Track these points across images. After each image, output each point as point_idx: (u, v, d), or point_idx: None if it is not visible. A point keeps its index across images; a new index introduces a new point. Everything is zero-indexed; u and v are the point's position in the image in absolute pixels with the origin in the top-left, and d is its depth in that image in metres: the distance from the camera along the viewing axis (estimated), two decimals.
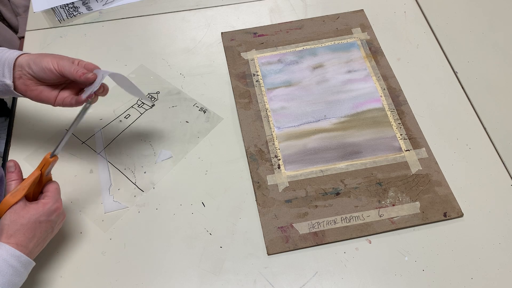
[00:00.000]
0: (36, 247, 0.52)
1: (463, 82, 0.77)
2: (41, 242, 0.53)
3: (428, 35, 0.84)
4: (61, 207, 0.55)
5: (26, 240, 0.51)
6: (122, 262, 0.60)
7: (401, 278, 0.59)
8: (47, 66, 0.55)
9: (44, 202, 0.53)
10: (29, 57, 0.57)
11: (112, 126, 0.73)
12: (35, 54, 0.57)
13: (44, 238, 0.54)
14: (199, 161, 0.69)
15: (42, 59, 0.56)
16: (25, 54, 0.58)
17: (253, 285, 0.58)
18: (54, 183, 0.57)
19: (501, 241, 0.61)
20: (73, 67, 0.56)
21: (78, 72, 0.55)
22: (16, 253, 0.49)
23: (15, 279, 0.49)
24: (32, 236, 0.51)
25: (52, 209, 0.53)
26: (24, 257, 0.50)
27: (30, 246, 0.51)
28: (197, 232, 0.63)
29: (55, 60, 0.56)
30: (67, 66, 0.56)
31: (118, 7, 0.90)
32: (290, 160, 0.68)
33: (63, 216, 0.57)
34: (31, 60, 0.56)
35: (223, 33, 0.84)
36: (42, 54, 0.57)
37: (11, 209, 0.51)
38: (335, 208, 0.63)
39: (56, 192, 0.55)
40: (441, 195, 0.64)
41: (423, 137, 0.70)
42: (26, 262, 0.50)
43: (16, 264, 0.49)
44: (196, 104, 0.76)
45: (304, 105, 0.74)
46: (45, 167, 0.54)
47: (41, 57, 0.56)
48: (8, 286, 0.48)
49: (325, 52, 0.80)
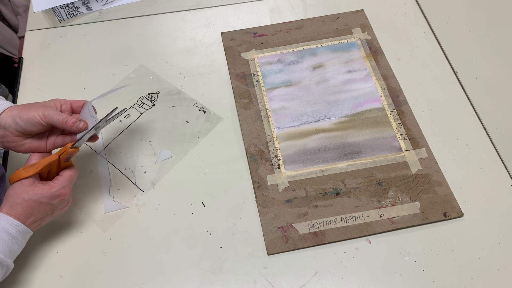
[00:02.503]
0: (32, 224, 0.54)
1: (463, 82, 0.77)
2: (38, 221, 0.54)
3: (428, 35, 0.84)
4: (66, 194, 0.55)
5: (24, 216, 0.52)
6: (122, 262, 0.60)
7: (401, 278, 0.59)
8: (34, 119, 0.55)
9: (51, 184, 0.54)
10: (13, 113, 0.55)
11: (112, 126, 0.73)
12: (17, 109, 0.56)
13: (42, 218, 0.55)
14: (199, 161, 0.69)
15: (28, 113, 0.55)
16: (7, 111, 0.56)
17: (253, 285, 0.58)
18: (70, 170, 0.57)
19: (501, 241, 0.61)
20: (61, 117, 0.56)
21: (68, 123, 0.56)
22: (15, 222, 0.51)
23: (13, 246, 0.52)
24: (30, 213, 0.53)
25: (57, 193, 0.54)
26: (22, 226, 0.52)
27: (27, 222, 0.53)
28: (197, 232, 0.63)
29: (40, 112, 0.55)
30: (54, 116, 0.55)
31: (118, 7, 0.90)
32: (290, 160, 0.68)
33: (66, 203, 0.57)
34: (16, 117, 0.55)
35: (223, 33, 0.84)
36: (25, 107, 0.56)
37: (19, 182, 0.53)
38: (335, 208, 0.63)
39: (67, 178, 0.56)
40: (441, 195, 0.64)
41: (423, 137, 0.70)
42: (24, 231, 0.52)
43: (14, 233, 0.51)
44: (196, 104, 0.76)
45: (304, 105, 0.74)
46: (63, 155, 0.55)
47: (25, 110, 0.55)
48: (8, 253, 0.51)
49: (325, 52, 0.80)
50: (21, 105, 0.57)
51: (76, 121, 0.56)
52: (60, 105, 0.59)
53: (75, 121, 0.56)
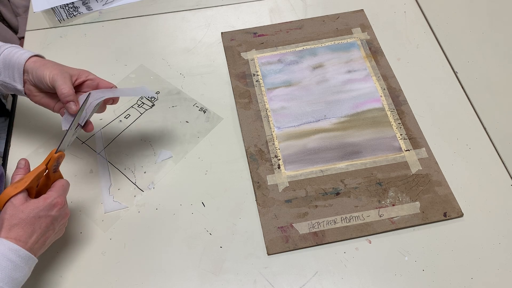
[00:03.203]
0: (36, 243, 0.50)
1: (463, 82, 0.77)
2: (41, 238, 0.51)
3: (428, 35, 0.84)
4: (62, 203, 0.53)
5: (26, 235, 0.49)
6: (122, 262, 0.60)
7: (401, 278, 0.59)
8: (43, 78, 0.56)
9: (45, 196, 0.52)
10: (34, 65, 0.57)
11: (112, 126, 0.73)
12: (40, 62, 0.57)
13: (44, 234, 0.52)
14: (199, 161, 0.69)
15: (43, 71, 0.56)
16: (32, 59, 0.57)
17: (253, 285, 0.58)
18: (62, 180, 0.56)
19: (501, 241, 0.61)
20: (63, 87, 0.55)
21: (63, 98, 0.55)
22: (15, 247, 0.48)
23: (15, 274, 0.47)
24: (31, 231, 0.50)
25: (53, 203, 0.52)
26: (23, 251, 0.48)
27: (29, 242, 0.50)
28: (197, 232, 0.63)
29: (52, 74, 0.56)
30: (58, 83, 0.55)
31: (118, 7, 0.90)
32: (290, 160, 0.68)
33: (65, 214, 0.55)
34: (34, 69, 0.56)
35: (223, 33, 0.84)
36: (46, 64, 0.57)
37: (11, 203, 0.50)
38: (335, 208, 0.63)
39: (60, 188, 0.54)
40: (441, 195, 0.64)
41: (423, 137, 0.70)
42: (26, 256, 0.49)
43: (15, 258, 0.48)
44: (196, 104, 0.76)
45: (304, 105, 0.74)
46: (50, 162, 0.53)
47: (43, 67, 0.56)
48: (9, 282, 0.47)
49: (325, 52, 0.80)
50: (46, 61, 0.58)
51: (71, 101, 0.56)
52: (85, 78, 0.59)
53: (69, 100, 0.55)
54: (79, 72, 0.59)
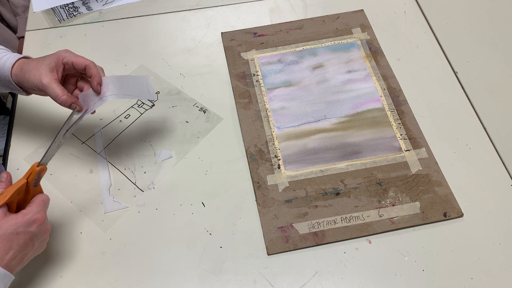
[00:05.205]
0: (13, 260, 0.49)
1: (463, 82, 0.77)
2: (19, 255, 0.49)
3: (428, 35, 0.84)
4: (42, 219, 0.51)
5: (2, 252, 0.47)
6: (122, 262, 0.60)
7: (401, 278, 0.59)
8: (31, 87, 0.58)
9: (24, 212, 0.50)
10: (19, 73, 0.58)
11: (112, 126, 0.73)
12: (21, 70, 0.58)
13: (22, 251, 0.49)
14: (199, 161, 0.69)
15: (28, 78, 0.57)
16: (15, 69, 0.58)
17: (253, 285, 0.58)
18: (42, 195, 0.53)
19: (501, 241, 0.61)
20: (58, 96, 0.56)
21: (64, 105, 0.57)
22: None
23: None
24: (8, 248, 0.48)
25: (32, 219, 0.50)
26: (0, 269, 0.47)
27: (5, 259, 0.48)
28: (197, 232, 0.63)
29: (36, 81, 0.56)
30: (50, 92, 0.56)
31: (118, 7, 0.90)
32: (290, 160, 0.68)
33: (45, 230, 0.52)
34: (20, 77, 0.58)
35: (223, 33, 0.84)
36: (26, 70, 0.57)
37: None
38: (335, 208, 0.63)
39: (40, 203, 0.52)
40: (441, 195, 0.64)
41: (423, 137, 0.70)
42: (1, 274, 0.47)
43: None
44: (196, 104, 0.76)
45: (304, 105, 0.74)
46: (31, 176, 0.51)
47: (27, 75, 0.57)
48: None
49: (325, 52, 0.80)
50: (25, 65, 0.58)
51: (72, 103, 0.57)
52: (63, 64, 0.59)
53: (69, 104, 0.57)
54: (55, 60, 0.58)
